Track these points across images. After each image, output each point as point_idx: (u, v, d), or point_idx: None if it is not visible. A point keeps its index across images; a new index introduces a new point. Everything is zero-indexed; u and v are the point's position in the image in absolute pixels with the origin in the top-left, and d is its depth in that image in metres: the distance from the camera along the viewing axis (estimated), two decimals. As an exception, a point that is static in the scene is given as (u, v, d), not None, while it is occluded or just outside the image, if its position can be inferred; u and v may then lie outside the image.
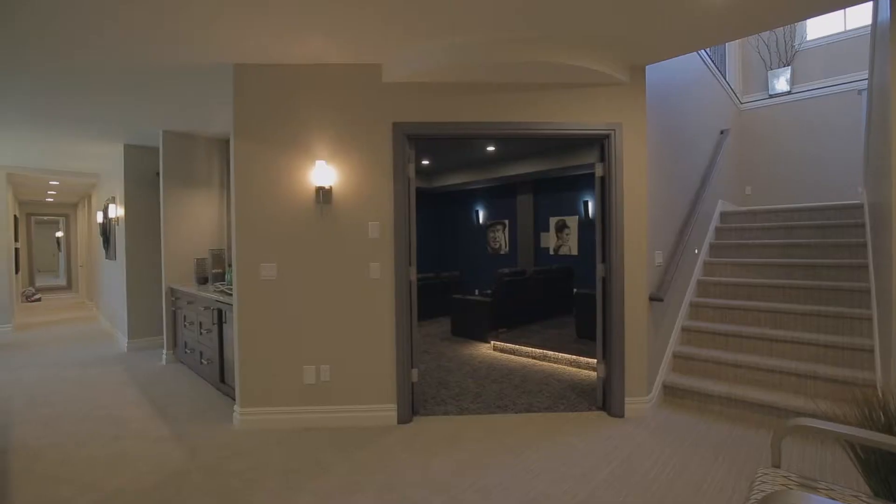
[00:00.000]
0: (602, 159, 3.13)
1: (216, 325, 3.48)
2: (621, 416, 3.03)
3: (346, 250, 2.95)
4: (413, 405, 3.05)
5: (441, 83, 2.97)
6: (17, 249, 8.06)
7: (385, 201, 2.96)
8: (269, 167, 2.94)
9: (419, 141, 3.11)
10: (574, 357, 4.28)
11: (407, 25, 2.46)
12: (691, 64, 4.19)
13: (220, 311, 3.45)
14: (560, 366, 4.31)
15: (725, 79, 5.59)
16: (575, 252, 7.63)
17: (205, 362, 3.77)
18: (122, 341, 5.37)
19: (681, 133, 3.89)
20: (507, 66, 2.73)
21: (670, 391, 3.33)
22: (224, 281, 4.39)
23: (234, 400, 3.30)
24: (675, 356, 3.55)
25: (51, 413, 3.25)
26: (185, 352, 4.23)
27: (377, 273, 2.95)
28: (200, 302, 3.79)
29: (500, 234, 8.90)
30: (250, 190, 2.94)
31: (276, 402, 2.95)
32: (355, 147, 2.96)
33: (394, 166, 2.96)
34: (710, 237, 4.69)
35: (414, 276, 3.04)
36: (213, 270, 4.40)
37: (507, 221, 8.77)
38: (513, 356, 4.72)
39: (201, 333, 3.81)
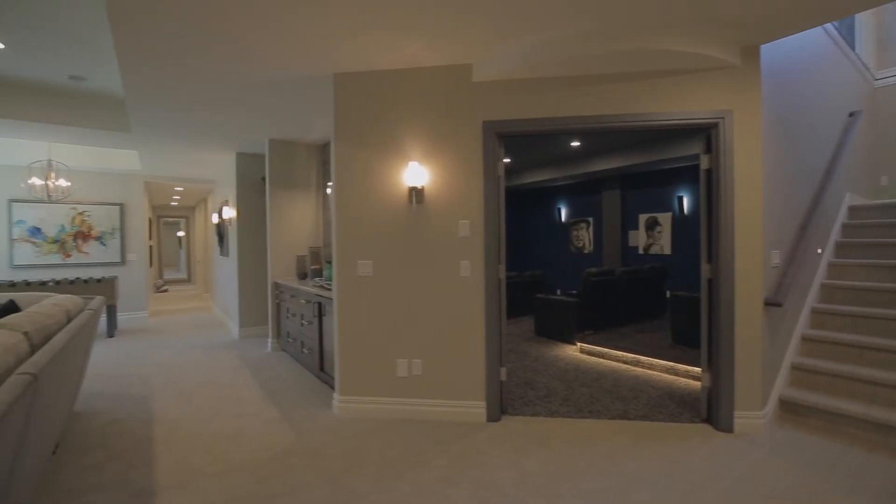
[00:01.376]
0: (708, 150, 2.89)
1: (316, 318, 3.76)
2: (730, 430, 2.78)
3: (437, 248, 3.03)
4: (502, 404, 3.05)
5: (531, 79, 2.92)
6: (150, 247, 9.32)
7: (475, 200, 2.99)
8: (366, 169, 3.10)
9: (507, 139, 3.09)
10: (671, 364, 4.00)
11: (499, 23, 2.45)
12: (813, 38, 3.71)
13: (319, 305, 3.71)
14: (655, 372, 4.06)
15: (855, 52, 4.88)
16: (668, 251, 7.13)
17: (305, 351, 4.08)
18: (234, 329, 6.00)
19: (801, 118, 3.47)
20: (603, 57, 2.62)
21: (789, 407, 2.99)
22: (322, 277, 4.72)
23: (333, 388, 3.54)
24: (795, 368, 3.17)
25: (183, 390, 3.72)
26: (288, 341, 4.61)
27: (467, 271, 2.99)
28: (302, 296, 4.11)
29: (583, 233, 8.59)
30: (348, 191, 3.12)
31: (371, 393, 3.11)
32: (446, 147, 3.02)
33: (484, 165, 2.98)
34: (835, 235, 4.13)
35: (503, 275, 3.03)
36: (312, 266, 4.75)
37: (591, 219, 8.43)
38: (601, 359, 4.53)
39: (302, 325, 4.13)
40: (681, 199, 6.92)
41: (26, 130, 4.68)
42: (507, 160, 7.35)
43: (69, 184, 6.36)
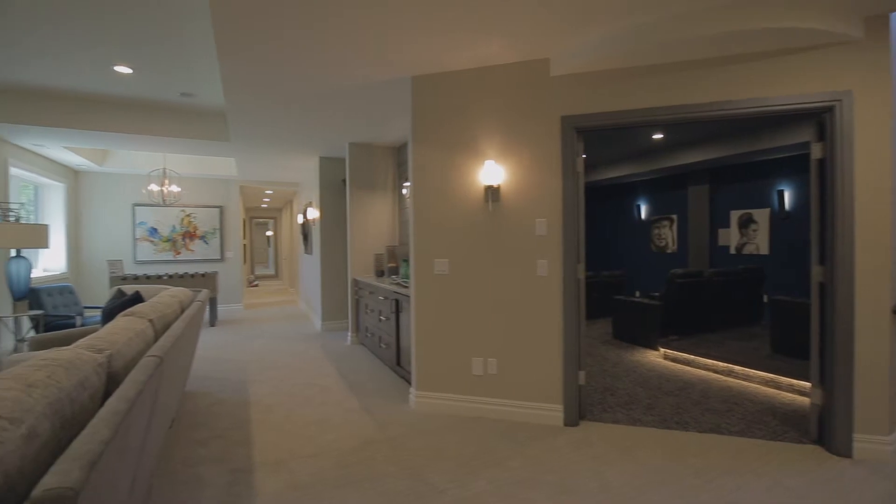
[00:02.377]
0: (821, 138, 2.57)
1: (394, 314, 3.89)
2: (847, 455, 2.45)
3: (513, 247, 3.00)
4: (580, 409, 2.95)
5: (613, 70, 2.79)
6: (244, 245, 10.21)
7: (553, 197, 2.92)
8: (442, 169, 3.15)
9: (585, 134, 2.98)
10: (771, 376, 3.63)
11: (581, 13, 2.37)
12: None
13: (397, 302, 3.84)
14: (752, 384, 3.70)
15: None
16: (765, 251, 6.47)
17: (383, 346, 4.24)
18: (317, 322, 6.39)
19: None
20: (694, 41, 2.43)
21: (925, 432, 2.58)
22: (398, 274, 4.87)
23: (409, 382, 3.64)
24: (933, 388, 2.73)
25: (274, 376, 4.03)
26: (367, 335, 4.82)
27: (544, 270, 2.93)
28: (380, 292, 4.27)
29: (666, 231, 8.06)
30: (425, 191, 3.19)
31: (446, 389, 3.16)
32: (523, 144, 2.98)
33: (562, 161, 2.89)
34: None
35: (582, 275, 2.93)
36: (389, 264, 4.92)
37: (674, 216, 7.88)
38: (687, 367, 4.22)
39: (380, 320, 4.30)
40: (781, 193, 6.25)
41: (147, 143, 5.34)
42: (582, 156, 7.11)
43: (179, 189, 7.16)
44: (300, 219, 8.17)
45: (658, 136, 5.81)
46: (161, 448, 2.60)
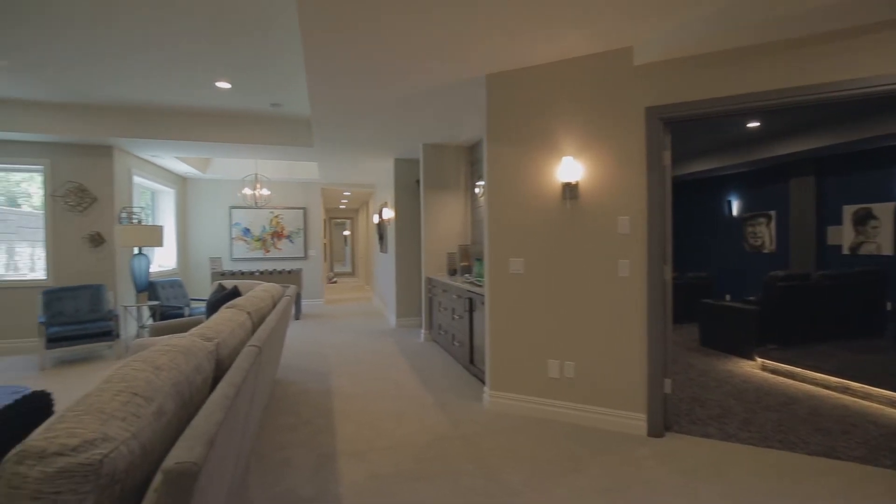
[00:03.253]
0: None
1: (467, 313, 3.91)
2: None
3: (592, 246, 2.88)
4: (665, 419, 2.76)
5: (704, 55, 2.58)
6: (324, 244, 10.83)
7: (636, 194, 2.76)
8: (518, 167, 3.10)
9: (673, 125, 2.78)
10: (900, 395, 3.14)
11: (672, -3, 2.21)
12: None
13: (470, 301, 3.85)
14: (874, 404, 3.23)
15: None
16: (888, 251, 5.63)
17: (456, 344, 4.28)
18: (391, 319, 6.61)
19: None
20: (795, 18, 2.17)
21: None
22: (471, 273, 4.89)
23: (482, 381, 3.64)
24: None
25: (353, 370, 4.23)
26: (440, 333, 4.89)
27: (626, 271, 2.78)
28: (453, 291, 4.31)
29: (762, 229, 7.31)
30: (500, 189, 3.17)
31: (521, 390, 3.11)
32: (603, 138, 2.85)
33: (647, 155, 2.73)
34: None
35: (669, 276, 2.74)
36: (461, 263, 4.95)
37: (772, 212, 7.12)
38: (790, 381, 3.79)
39: (453, 318, 4.34)
40: (912, 184, 5.40)
41: (242, 151, 5.84)
42: (665, 149, 6.66)
43: (269, 192, 7.75)
44: (376, 219, 8.50)
45: (753, 124, 5.27)
46: (256, 430, 2.83)
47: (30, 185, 5.68)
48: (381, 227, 7.89)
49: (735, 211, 7.82)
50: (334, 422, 3.02)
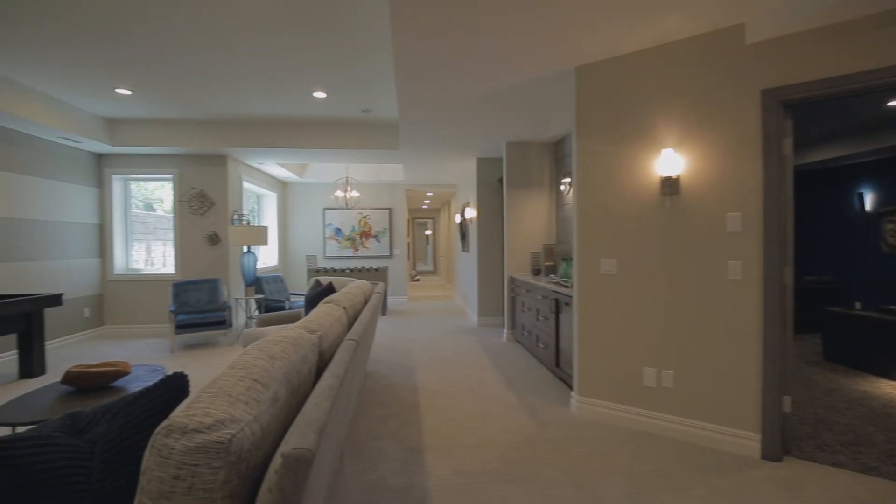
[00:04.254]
0: None
1: (553, 314, 3.79)
2: None
3: (695, 246, 2.64)
4: (784, 441, 2.45)
5: (832, 26, 2.23)
6: (408, 243, 11.19)
7: (748, 187, 2.48)
8: (610, 162, 2.94)
9: (795, 108, 2.44)
10: None
11: (798, -37, 1.95)
12: None
13: (556, 302, 3.74)
14: None
15: None
16: None
17: (541, 346, 4.18)
18: (473, 318, 6.64)
19: None
20: None
21: None
22: (556, 273, 4.75)
23: (568, 385, 3.51)
24: None
25: (437, 366, 4.31)
26: (523, 333, 4.81)
27: (737, 273, 2.50)
28: (538, 291, 4.21)
29: (907, 226, 6.19)
30: (591, 186, 3.02)
31: (611, 398, 2.95)
32: (709, 128, 2.59)
33: (763, 143, 2.43)
34: None
35: (790, 280, 2.42)
36: (546, 263, 4.82)
37: (923, 207, 6.00)
38: (952, 407, 3.17)
39: (538, 319, 4.24)
40: None
41: (335, 155, 6.23)
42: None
43: (358, 194, 8.19)
44: (458, 218, 8.59)
45: (894, 102, 4.47)
46: (350, 420, 3.00)
47: (162, 192, 6.56)
48: (463, 226, 7.96)
49: (867, 205, 6.72)
50: (421, 416, 3.09)
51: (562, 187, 5.03)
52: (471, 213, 6.94)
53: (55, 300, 4.22)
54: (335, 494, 2.13)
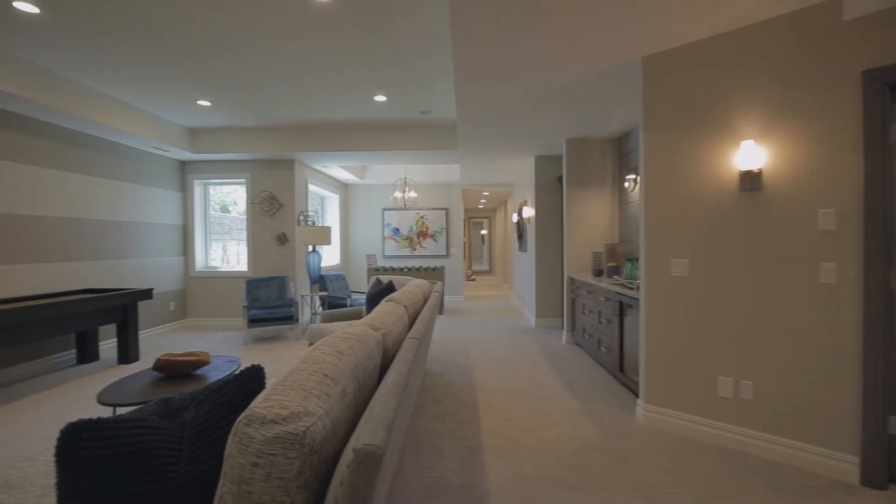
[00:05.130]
0: None
1: (617, 317, 3.63)
2: None
3: (780, 245, 2.41)
4: (890, 467, 2.18)
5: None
6: (464, 243, 11.22)
7: (846, 180, 2.22)
8: (682, 156, 2.77)
9: (906, 90, 2.16)
10: None
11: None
12: None
13: (620, 304, 3.57)
14: None
15: None
16: None
17: (603, 350, 4.02)
18: (530, 318, 6.53)
19: None
20: None
21: None
22: (620, 274, 4.55)
23: (633, 392, 3.35)
24: None
25: (494, 366, 4.28)
26: (584, 336, 4.65)
27: (831, 276, 2.26)
28: (600, 293, 4.06)
29: None
30: (660, 182, 2.86)
31: (682, 408, 2.77)
32: (798, 115, 2.36)
33: (864, 131, 2.17)
34: None
35: (897, 285, 2.15)
36: (608, 263, 4.64)
37: None
38: None
39: (600, 322, 4.08)
40: None
41: (394, 157, 6.38)
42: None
43: (416, 195, 8.32)
44: (514, 217, 8.49)
45: None
46: (411, 417, 3.05)
47: (236, 195, 7.04)
48: (520, 225, 7.84)
49: None
50: (479, 415, 3.08)
51: (625, 184, 4.81)
52: (528, 212, 6.82)
53: (147, 294, 4.66)
54: (396, 489, 2.17)
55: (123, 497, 0.97)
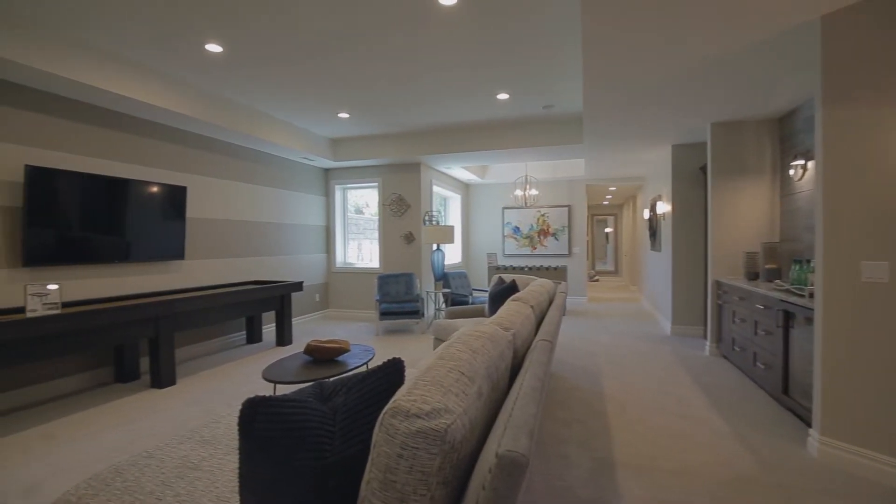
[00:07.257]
0: None
1: (780, 329, 3.09)
2: None
3: None
4: None
5: None
6: (587, 241, 10.67)
7: None
8: (877, 133, 2.23)
9: None
10: None
11: None
12: None
13: (786, 314, 3.03)
14: None
15: None
16: None
17: (760, 366, 3.46)
18: (665, 324, 5.93)
19: None
20: None
21: None
22: (782, 278, 3.88)
23: (802, 419, 2.84)
24: None
25: (624, 374, 3.97)
26: (734, 349, 4.07)
27: None
28: (756, 299, 3.50)
29: None
30: (845, 166, 2.35)
31: (875, 445, 2.24)
32: None
33: None
34: None
35: None
36: (766, 265, 3.97)
37: None
38: None
39: (756, 334, 3.52)
40: None
41: (516, 155, 6.32)
42: None
43: (537, 192, 8.15)
44: (646, 214, 7.80)
45: None
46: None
47: (368, 198, 7.66)
48: (652, 222, 7.18)
49: None
50: (609, 426, 2.88)
51: (790, 172, 4.06)
52: (663, 207, 6.20)
53: (298, 287, 5.32)
54: (524, 493, 2.13)
55: (288, 468, 1.09)
